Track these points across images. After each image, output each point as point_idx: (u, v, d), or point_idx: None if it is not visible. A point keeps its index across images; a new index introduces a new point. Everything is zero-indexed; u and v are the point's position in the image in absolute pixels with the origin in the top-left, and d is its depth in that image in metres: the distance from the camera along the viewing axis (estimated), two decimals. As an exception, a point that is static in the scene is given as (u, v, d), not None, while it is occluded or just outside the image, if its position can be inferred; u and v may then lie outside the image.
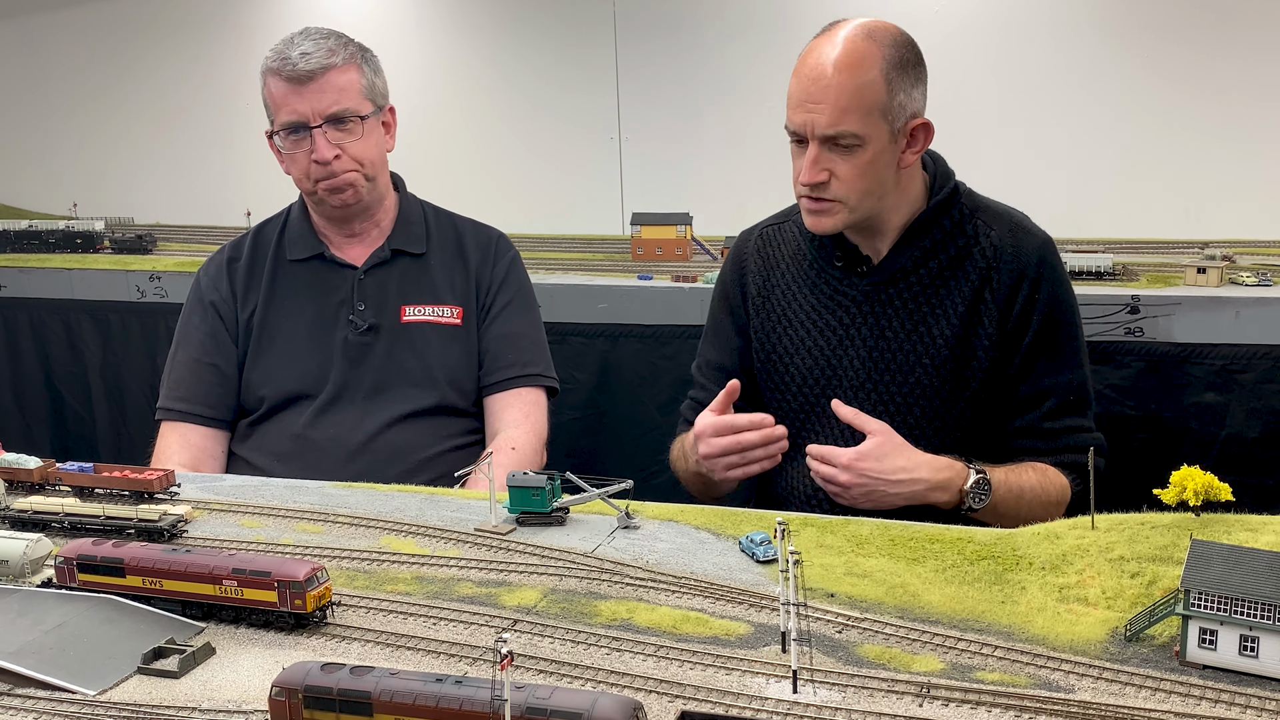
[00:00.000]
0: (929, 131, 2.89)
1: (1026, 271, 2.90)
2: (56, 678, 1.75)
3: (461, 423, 3.39)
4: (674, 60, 6.02)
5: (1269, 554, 1.72)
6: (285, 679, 1.59)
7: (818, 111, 2.77)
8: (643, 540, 2.26)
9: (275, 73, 3.24)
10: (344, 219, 3.40)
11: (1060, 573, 1.98)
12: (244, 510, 2.49)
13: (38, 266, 5.53)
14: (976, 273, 2.92)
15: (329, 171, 3.25)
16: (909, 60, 2.83)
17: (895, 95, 2.78)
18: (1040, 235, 2.98)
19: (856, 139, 2.77)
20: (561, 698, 1.48)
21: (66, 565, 2.01)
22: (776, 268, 3.13)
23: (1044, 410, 2.93)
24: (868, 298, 2.98)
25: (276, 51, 3.26)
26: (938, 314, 2.93)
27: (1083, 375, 2.98)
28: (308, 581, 1.88)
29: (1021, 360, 2.92)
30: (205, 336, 3.40)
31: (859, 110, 2.75)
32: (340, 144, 3.25)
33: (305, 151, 3.25)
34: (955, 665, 1.75)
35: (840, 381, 3.00)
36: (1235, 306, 3.89)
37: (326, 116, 3.22)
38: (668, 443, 4.51)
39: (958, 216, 2.96)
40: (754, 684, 1.71)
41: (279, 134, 3.28)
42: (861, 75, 2.75)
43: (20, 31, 7.07)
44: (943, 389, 2.93)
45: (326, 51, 3.23)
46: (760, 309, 3.13)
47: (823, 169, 2.81)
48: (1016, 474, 2.82)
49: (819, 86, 2.77)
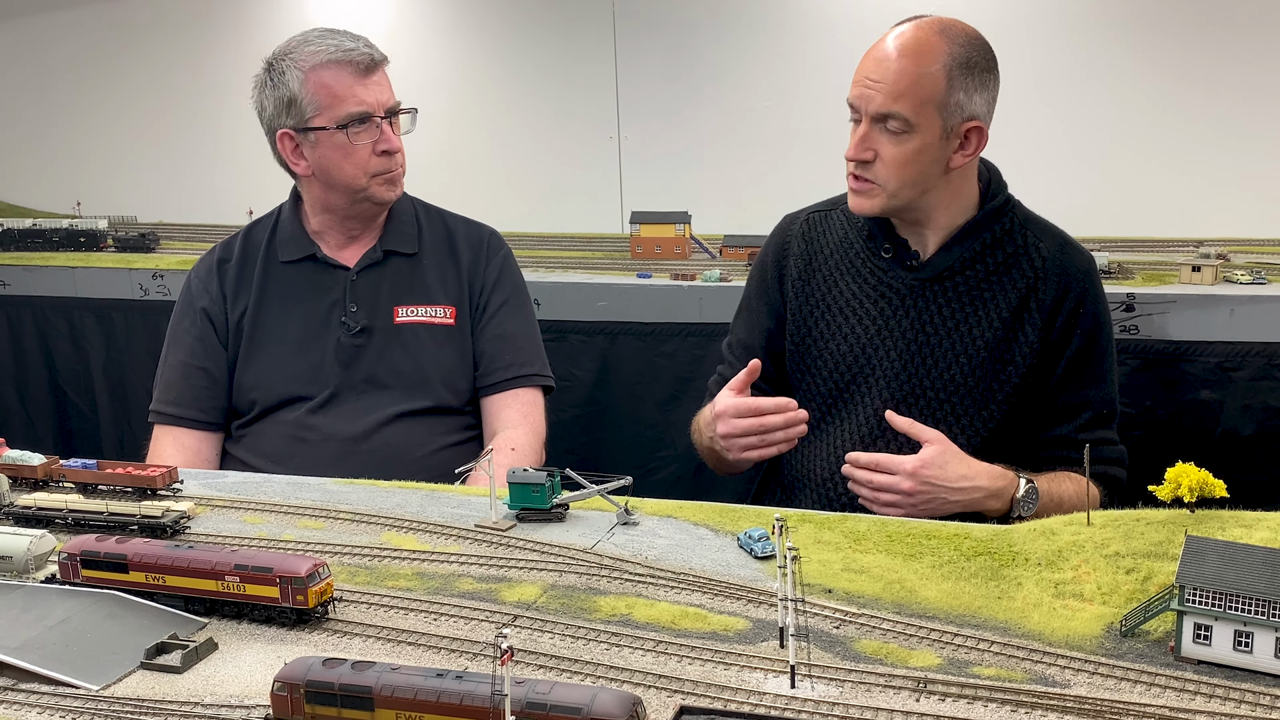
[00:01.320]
0: (982, 137, 2.91)
1: (1073, 286, 2.94)
2: (60, 673, 1.76)
3: (456, 421, 3.39)
4: (673, 60, 6.02)
5: (1263, 550, 1.73)
6: (287, 674, 1.60)
7: (875, 89, 2.82)
8: (642, 536, 2.26)
9: (337, 63, 3.18)
10: (370, 216, 3.38)
11: (1056, 568, 1.99)
12: (246, 506, 2.49)
13: (41, 265, 5.53)
14: (1024, 281, 2.95)
15: (393, 164, 3.25)
16: (977, 63, 2.85)
17: (954, 93, 2.82)
18: (1087, 254, 3.04)
19: (906, 124, 2.81)
20: (561, 693, 1.49)
21: (70, 561, 2.01)
22: (821, 252, 3.15)
23: (1080, 422, 2.96)
24: (912, 292, 3.00)
25: (329, 45, 3.20)
26: (980, 316, 2.96)
27: (1114, 392, 3.03)
28: (309, 577, 1.89)
29: (1063, 373, 2.95)
30: (195, 340, 3.38)
31: (913, 97, 2.80)
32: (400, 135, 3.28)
33: (369, 144, 3.22)
34: (952, 660, 1.76)
35: (874, 370, 3.01)
36: (1230, 304, 3.90)
37: (388, 109, 3.24)
38: (667, 439, 4.54)
39: (1008, 225, 3.00)
40: (752, 679, 1.72)
41: (348, 126, 3.20)
42: (924, 65, 2.80)
43: (24, 32, 7.07)
44: (976, 390, 2.95)
45: (370, 46, 3.24)
46: (800, 292, 3.15)
47: (869, 147, 2.87)
48: (1057, 483, 2.86)
49: (881, 67, 2.83)
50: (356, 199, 3.31)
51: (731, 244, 4.96)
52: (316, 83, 3.19)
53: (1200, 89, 5.23)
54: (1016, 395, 2.96)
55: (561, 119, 6.26)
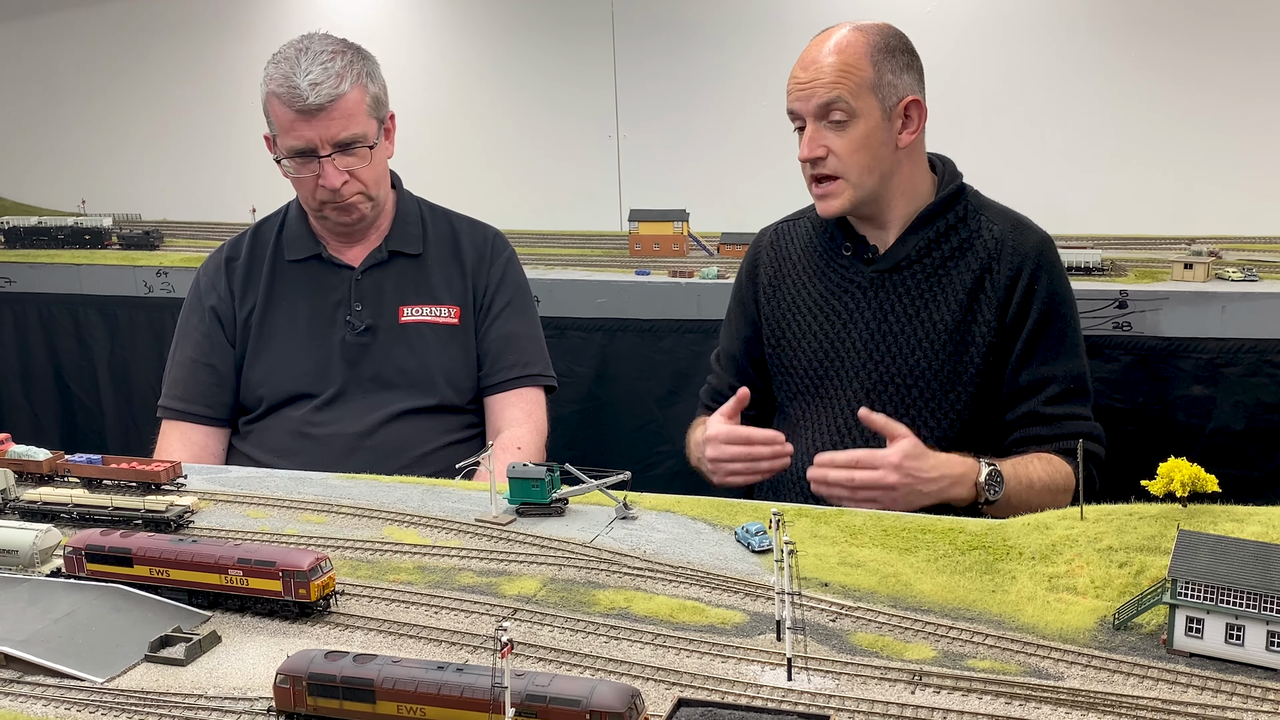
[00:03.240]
0: (922, 111, 3.03)
1: (1026, 264, 3.00)
2: (65, 665, 1.77)
3: (459, 419, 3.41)
4: (671, 60, 6.03)
5: (1255, 544, 1.74)
6: (290, 667, 1.60)
7: (810, 88, 2.96)
8: (640, 530, 2.28)
9: (280, 99, 3.15)
10: (345, 233, 3.40)
11: (1050, 562, 2.00)
12: (249, 501, 2.51)
13: (47, 262, 5.56)
14: (978, 263, 3.02)
15: (337, 196, 3.23)
16: (895, 47, 3.00)
17: (883, 75, 2.96)
18: (1040, 232, 3.09)
19: (848, 109, 2.94)
20: (561, 685, 1.50)
21: (75, 555, 2.03)
22: (788, 259, 3.26)
23: (1045, 396, 2.99)
24: (872, 284, 3.09)
25: (282, 74, 3.15)
26: (939, 300, 3.02)
27: (1082, 367, 3.05)
28: (311, 571, 1.90)
29: (1022, 349, 2.99)
30: (202, 337, 3.41)
31: (848, 84, 2.94)
32: (349, 169, 3.21)
33: (312, 176, 3.21)
34: (947, 653, 1.77)
35: (843, 362, 3.09)
36: (1221, 301, 3.92)
37: (335, 144, 3.17)
38: (665, 434, 4.56)
39: (962, 212, 3.08)
40: (749, 671, 1.73)
41: (285, 159, 3.22)
42: (849, 57, 2.95)
43: (29, 31, 7.08)
44: (941, 373, 3.01)
45: (335, 78, 3.13)
46: (771, 297, 3.25)
47: (819, 145, 2.98)
48: (1024, 465, 2.88)
49: (810, 69, 2.98)
50: (319, 217, 3.36)
51: (729, 241, 4.97)
52: (269, 107, 3.22)
53: (1192, 88, 5.24)
54: (981, 377, 3.01)
55: (561, 119, 6.27)
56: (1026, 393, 3.00)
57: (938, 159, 3.17)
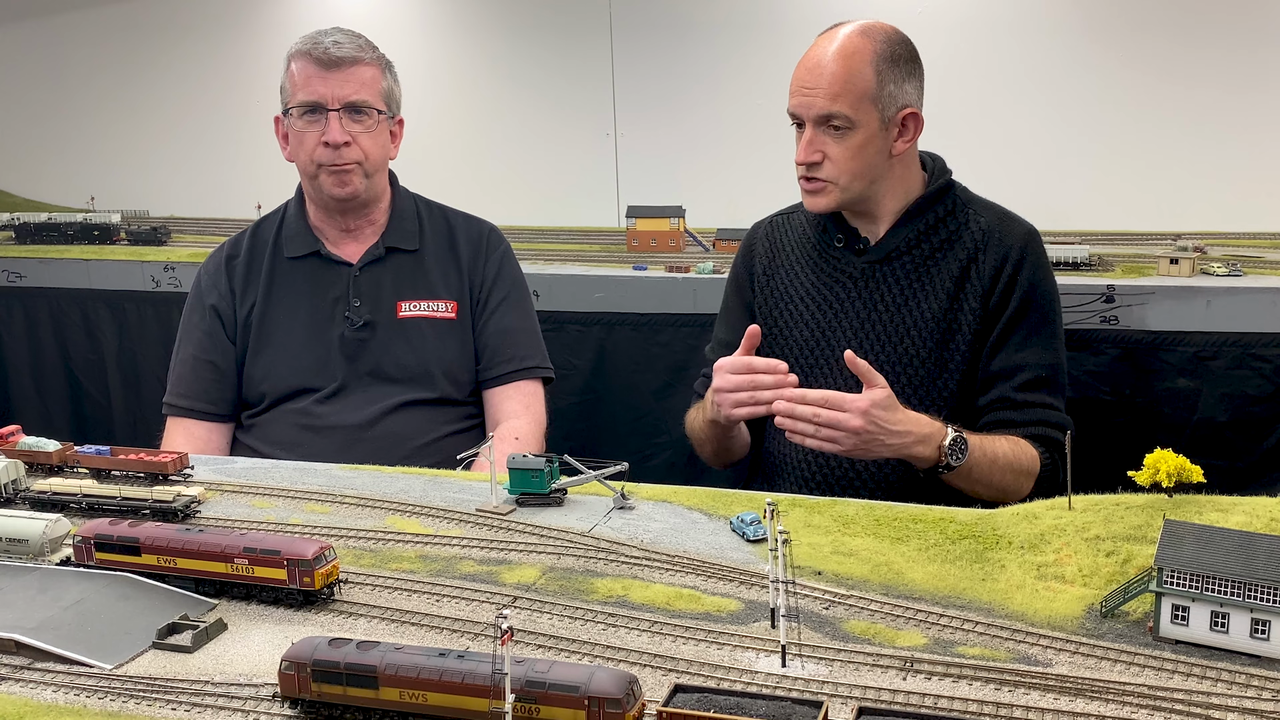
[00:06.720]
0: (919, 122, 3.07)
1: (1010, 253, 3.06)
2: (75, 652, 1.79)
3: (458, 410, 3.45)
4: (668, 58, 6.04)
5: (1239, 533, 1.77)
6: (294, 653, 1.62)
7: (813, 95, 2.99)
8: (638, 520, 2.30)
9: (305, 54, 3.29)
10: (340, 211, 3.42)
11: (1038, 551, 2.02)
12: (254, 491, 2.53)
13: (57, 257, 5.57)
14: (965, 253, 3.08)
15: (337, 156, 3.28)
16: (900, 55, 3.02)
17: (885, 85, 2.98)
18: (1026, 225, 3.15)
19: (847, 121, 2.97)
20: (560, 671, 1.52)
21: (84, 544, 2.05)
22: (782, 251, 3.31)
23: (1017, 382, 3.03)
24: (863, 275, 3.14)
25: (308, 37, 3.33)
26: (927, 290, 3.08)
27: (1058, 359, 3.09)
28: (316, 560, 1.92)
29: (998, 335, 3.05)
30: (204, 335, 3.44)
31: (850, 95, 2.96)
32: (353, 133, 3.29)
33: (316, 133, 3.28)
34: (938, 640, 1.79)
35: (834, 350, 3.13)
36: (1206, 296, 3.94)
37: (346, 103, 3.28)
38: (662, 426, 4.58)
39: (950, 206, 3.14)
40: (744, 658, 1.75)
41: (293, 111, 3.31)
42: (854, 65, 2.97)
43: (40, 31, 7.09)
44: (929, 360, 3.06)
45: (357, 46, 3.32)
46: (765, 287, 3.30)
47: (816, 150, 3.03)
48: (991, 441, 2.92)
49: (815, 74, 2.99)
50: (314, 188, 3.40)
51: (724, 237, 4.98)
52: (290, 70, 3.33)
53: (1177, 84, 5.24)
54: (967, 364, 3.06)
55: (559, 116, 6.28)
56: (999, 377, 3.05)
57: (928, 156, 3.22)
